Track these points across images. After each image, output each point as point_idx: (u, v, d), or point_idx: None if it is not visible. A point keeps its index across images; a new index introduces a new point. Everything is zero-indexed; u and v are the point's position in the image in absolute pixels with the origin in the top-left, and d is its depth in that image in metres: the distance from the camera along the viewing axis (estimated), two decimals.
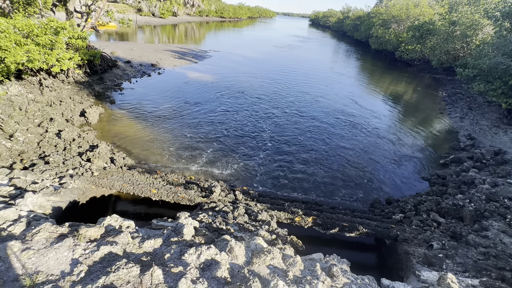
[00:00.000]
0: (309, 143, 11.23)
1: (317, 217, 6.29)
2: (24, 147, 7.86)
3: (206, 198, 6.61)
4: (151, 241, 3.48)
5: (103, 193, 6.76)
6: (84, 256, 2.91)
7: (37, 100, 10.31)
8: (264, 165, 9.31)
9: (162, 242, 3.58)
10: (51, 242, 3.05)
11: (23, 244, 2.93)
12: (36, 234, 3.10)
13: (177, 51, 27.57)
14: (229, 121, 12.41)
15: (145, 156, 9.04)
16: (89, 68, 14.84)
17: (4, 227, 3.22)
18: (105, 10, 15.94)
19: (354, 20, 70.62)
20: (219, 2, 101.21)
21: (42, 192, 5.06)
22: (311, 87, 20.12)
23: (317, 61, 33.78)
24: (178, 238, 3.70)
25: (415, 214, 7.15)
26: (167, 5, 66.75)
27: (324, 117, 14.26)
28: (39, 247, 2.95)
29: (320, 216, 6.43)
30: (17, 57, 9.15)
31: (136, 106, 12.89)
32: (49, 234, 3.17)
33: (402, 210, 7.37)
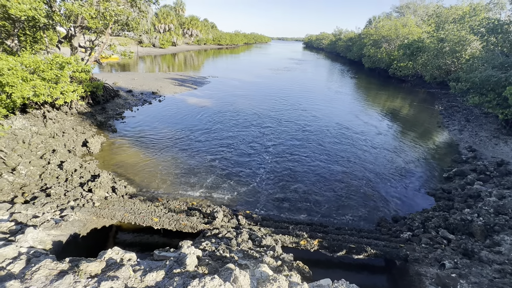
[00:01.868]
0: (311, 163, 11.22)
1: (323, 240, 6.13)
2: (26, 180, 7.88)
3: (208, 224, 6.50)
4: (153, 274, 3.39)
5: (104, 223, 6.66)
6: None
7: (40, 133, 10.49)
8: (266, 187, 9.23)
9: (164, 275, 3.47)
10: (51, 280, 2.97)
11: (22, 284, 2.85)
12: (35, 272, 3.03)
13: (177, 78, 28.48)
14: (229, 144, 12.51)
15: (146, 184, 9.01)
16: (92, 99, 15.28)
17: (4, 266, 3.15)
18: (108, 44, 16.73)
19: (346, 42, 73.58)
20: (216, 31, 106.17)
21: (42, 226, 4.99)
22: (309, 106, 20.51)
23: (313, 80, 34.76)
24: (181, 269, 3.60)
25: (423, 231, 6.96)
26: (167, 36, 70.05)
27: (324, 135, 14.38)
28: (38, 286, 2.87)
29: (326, 238, 6.27)
30: (24, 92, 9.47)
31: (137, 134, 13.07)
32: (49, 271, 3.09)
33: (410, 227, 7.19)
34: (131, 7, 15.54)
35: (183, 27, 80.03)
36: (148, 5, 17.32)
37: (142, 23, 18.05)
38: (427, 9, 50.42)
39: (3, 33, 12.00)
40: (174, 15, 73.98)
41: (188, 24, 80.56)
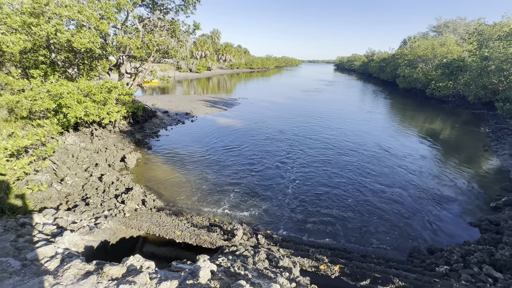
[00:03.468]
0: (338, 184, 10.84)
1: (345, 266, 5.78)
2: (71, 190, 8.80)
3: (227, 241, 6.55)
4: (167, 283, 3.53)
5: (132, 234, 7.09)
6: None
7: (87, 148, 11.77)
8: (289, 208, 9.09)
9: (177, 285, 3.60)
10: (78, 279, 3.27)
11: (54, 279, 3.19)
12: (66, 270, 3.37)
13: (209, 100, 30.18)
14: (255, 164, 12.69)
15: (173, 198, 9.45)
16: (133, 118, 16.86)
17: (42, 263, 3.57)
18: (150, 70, 18.62)
19: (379, 62, 72.09)
20: (248, 56, 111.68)
21: (79, 231, 5.52)
22: (339, 127, 20.12)
23: (344, 101, 34.23)
24: (194, 281, 3.69)
25: (463, 266, 6.19)
26: (203, 61, 75.45)
27: (354, 156, 13.89)
28: (67, 283, 3.19)
29: (349, 265, 5.90)
30: (77, 112, 10.88)
31: (169, 151, 13.95)
32: (78, 271, 3.42)
33: (447, 261, 6.45)
34: (171, 38, 17.32)
35: (218, 53, 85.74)
36: (187, 35, 19.14)
37: (180, 51, 19.85)
38: (468, 27, 47.83)
39: (67, 63, 14.12)
40: (210, 42, 79.96)
41: (222, 50, 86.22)
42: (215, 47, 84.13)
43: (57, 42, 11.88)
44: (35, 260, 3.74)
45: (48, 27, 10.64)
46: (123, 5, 13.31)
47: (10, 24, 10.48)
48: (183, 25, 17.47)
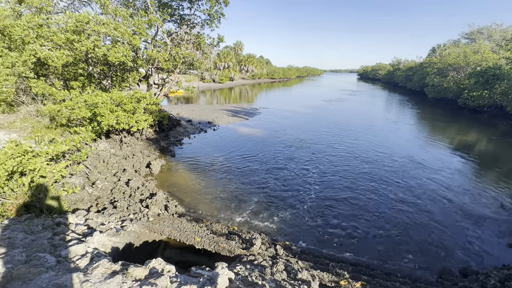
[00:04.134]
0: (362, 197, 10.46)
1: (367, 283, 5.52)
2: (101, 193, 9.36)
3: (246, 250, 6.56)
4: None
5: (154, 238, 7.34)
6: None
7: (116, 154, 12.51)
8: (309, 219, 8.91)
9: None
10: (105, 277, 3.47)
11: (84, 276, 3.42)
12: (95, 268, 3.59)
13: (231, 110, 30.84)
14: (275, 173, 12.67)
15: (194, 205, 9.68)
16: (159, 127, 17.69)
17: (74, 260, 3.84)
18: (176, 81, 19.56)
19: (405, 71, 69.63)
20: (270, 66, 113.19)
21: (106, 232, 5.85)
22: (363, 136, 19.55)
23: (368, 111, 33.30)
24: (211, 287, 3.75)
25: None
26: (226, 72, 77.69)
27: (380, 167, 13.37)
28: (95, 280, 3.39)
29: (372, 282, 5.63)
30: (110, 121, 11.67)
31: (191, 159, 14.38)
32: (105, 270, 3.62)
33: (483, 285, 5.92)
34: (196, 50, 18.15)
35: (241, 64, 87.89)
36: (211, 47, 19.95)
37: (205, 63, 20.68)
38: (505, 33, 44.85)
39: (102, 75, 15.30)
40: (233, 54, 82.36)
41: (245, 61, 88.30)
42: (237, 58, 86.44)
43: (94, 56, 12.97)
44: (68, 257, 4.03)
45: (87, 43, 11.68)
46: (154, 22, 14.27)
47: (56, 41, 11.66)
48: (208, 38, 18.26)
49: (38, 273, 3.37)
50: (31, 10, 12.87)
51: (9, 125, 11.72)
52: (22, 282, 3.24)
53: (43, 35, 11.65)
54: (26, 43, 11.71)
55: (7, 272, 3.34)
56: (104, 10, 13.12)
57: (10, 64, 11.88)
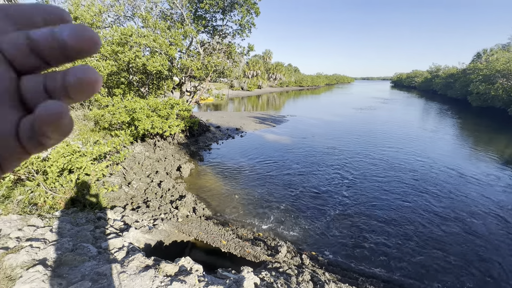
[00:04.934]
0: (396, 209, 9.87)
1: None
2: (135, 193, 9.97)
3: (271, 257, 6.51)
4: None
5: (183, 238, 7.60)
6: (160, 287, 3.37)
7: (150, 157, 13.28)
8: (338, 230, 8.59)
9: None
10: (139, 270, 3.68)
11: (121, 268, 3.66)
12: (131, 261, 3.84)
13: (258, 117, 31.18)
14: (302, 181, 12.48)
15: (221, 209, 9.87)
16: (189, 132, 18.47)
17: (112, 252, 4.14)
18: (207, 89, 20.38)
19: (445, 78, 65.02)
20: (298, 74, 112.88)
21: (140, 229, 6.20)
22: (397, 145, 18.52)
23: (403, 120, 31.53)
24: None
25: None
26: (254, 80, 79.05)
27: (417, 178, 12.54)
28: (130, 272, 3.62)
29: None
30: (146, 125, 12.49)
31: (219, 164, 14.74)
32: (139, 264, 3.85)
33: None
34: (227, 59, 18.81)
35: (269, 72, 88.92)
36: (241, 56, 20.55)
37: (234, 71, 21.31)
38: None
39: (140, 83, 16.49)
40: (262, 62, 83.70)
41: (273, 69, 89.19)
42: (266, 66, 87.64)
43: (135, 66, 14.06)
44: (107, 249, 4.35)
45: (130, 54, 12.74)
46: (189, 33, 15.14)
47: (103, 53, 12.89)
48: (239, 47, 18.84)
49: (82, 261, 3.69)
50: None
51: None
52: (69, 267, 3.57)
53: None
54: None
55: (57, 258, 3.71)
56: (145, 23, 14.26)
57: None
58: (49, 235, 4.42)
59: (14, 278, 3.20)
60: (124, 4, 15.10)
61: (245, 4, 16.09)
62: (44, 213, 5.83)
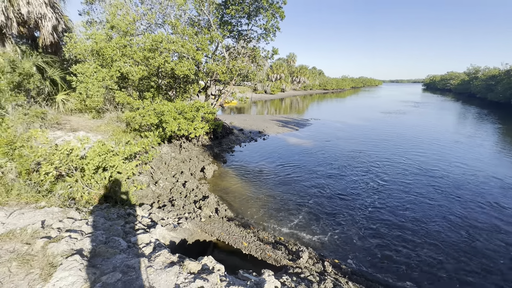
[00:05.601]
0: (429, 217, 9.28)
1: None
2: (162, 192, 10.40)
3: (292, 262, 6.43)
4: None
5: (205, 238, 7.77)
6: (184, 284, 3.48)
7: (176, 158, 13.79)
8: (363, 238, 8.26)
9: None
10: (165, 266, 3.84)
11: (149, 262, 3.85)
12: (157, 257, 4.01)
13: (281, 120, 31.07)
14: (324, 185, 12.21)
15: (242, 211, 9.95)
16: (213, 134, 18.91)
17: (140, 247, 4.36)
18: (231, 92, 20.76)
19: (485, 80, 60.09)
20: (323, 77, 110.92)
21: (166, 227, 6.46)
22: (429, 151, 17.44)
23: (436, 124, 29.66)
24: None
25: None
26: (278, 83, 79.00)
27: (455, 188, 11.70)
28: (157, 267, 3.79)
29: None
30: (173, 127, 13.02)
31: (242, 166, 14.90)
32: (165, 259, 4.01)
33: None
34: (251, 63, 19.03)
35: (293, 75, 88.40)
36: (265, 60, 20.69)
37: (258, 75, 21.48)
38: None
39: (168, 86, 17.25)
40: (285, 65, 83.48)
41: (297, 72, 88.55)
42: (290, 70, 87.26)
43: (164, 71, 14.75)
44: (136, 243, 4.60)
45: (160, 59, 13.40)
46: (215, 38, 15.58)
47: (135, 58, 13.70)
48: (263, 51, 19.00)
49: (113, 253, 3.94)
50: (119, 34, 15.46)
51: (96, 128, 14.07)
52: (102, 259, 3.83)
53: (126, 54, 13.83)
54: (114, 61, 14.04)
55: (92, 249, 4.00)
56: (174, 30, 14.93)
57: (101, 78, 14.37)
58: (85, 227, 4.78)
59: (55, 265, 3.50)
60: (156, 12, 15.94)
61: (270, 9, 16.21)
62: (81, 207, 6.30)
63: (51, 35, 14.90)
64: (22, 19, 13.60)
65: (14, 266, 3.45)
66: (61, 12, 15.95)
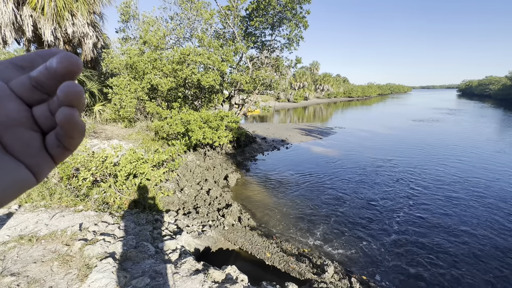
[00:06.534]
0: (464, 233, 8.52)
1: None
2: (187, 199, 10.69)
3: (316, 275, 6.21)
4: None
5: (228, 246, 7.80)
6: None
7: (200, 165, 14.15)
8: (393, 254, 7.77)
9: None
10: (190, 273, 3.92)
11: (175, 269, 3.95)
12: (183, 263, 4.11)
13: (304, 128, 30.72)
14: (352, 196, 11.76)
15: (265, 220, 9.87)
16: (236, 143, 19.18)
17: (167, 253, 4.50)
18: (254, 101, 21.06)
19: None
20: (347, 84, 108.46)
21: (190, 234, 6.61)
22: (471, 160, 16.12)
23: (474, 132, 27.43)
24: None
25: None
26: (301, 92, 78.65)
27: (497, 201, 10.67)
28: (182, 274, 3.87)
29: None
30: (198, 136, 13.45)
31: (265, 175, 14.88)
32: (190, 267, 4.09)
33: None
34: (274, 72, 19.23)
35: (316, 83, 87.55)
36: (288, 69, 20.81)
37: (281, 83, 21.62)
38: None
39: (194, 96, 17.94)
40: (309, 74, 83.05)
41: (321, 80, 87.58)
42: (313, 78, 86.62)
43: (190, 81, 15.41)
44: (163, 249, 4.76)
45: (187, 71, 14.05)
46: (239, 49, 16.03)
47: (164, 71, 14.50)
48: (286, 60, 19.14)
49: (143, 258, 4.11)
50: (150, 48, 16.53)
51: (128, 136, 14.96)
52: (132, 263, 4.01)
53: (156, 67, 14.70)
54: (145, 74, 14.98)
55: (123, 253, 4.21)
56: (201, 43, 15.63)
57: (134, 90, 15.38)
58: (117, 231, 5.06)
59: (91, 266, 3.73)
60: (184, 27, 16.85)
61: (293, 19, 16.40)
62: (114, 211, 6.68)
63: (92, 51, 16.31)
64: (68, 38, 15.09)
65: (56, 265, 3.73)
66: (101, 31, 17.46)
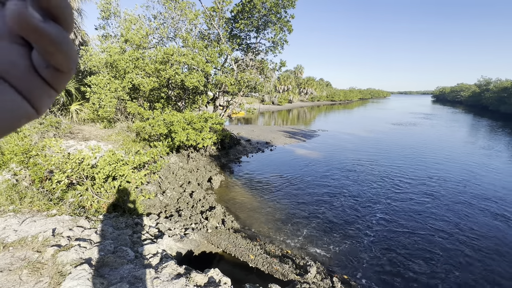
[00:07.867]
0: (440, 231, 8.96)
1: None
2: (169, 201, 10.44)
3: (299, 276, 6.27)
4: None
5: (211, 249, 7.70)
6: None
7: (183, 168, 13.89)
8: (373, 254, 8.02)
9: None
10: (171, 278, 3.81)
11: (155, 273, 3.83)
12: (164, 268, 4.00)
13: (289, 131, 31.08)
14: (333, 198, 12.02)
15: (249, 222, 9.85)
16: (221, 145, 19.03)
17: (148, 257, 4.36)
18: (239, 103, 21.03)
19: (497, 93, 59.04)
20: (330, 88, 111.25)
21: (172, 237, 6.45)
22: (443, 163, 17.01)
23: (448, 136, 29.04)
24: None
25: None
26: (285, 95, 79.61)
27: (471, 200, 11.31)
28: (163, 279, 3.76)
29: None
30: (181, 137, 13.20)
31: (249, 177, 14.86)
32: (172, 271, 3.99)
33: None
34: (259, 75, 19.34)
35: (300, 87, 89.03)
36: (273, 71, 21.00)
37: (266, 86, 21.76)
38: None
39: (178, 97, 17.62)
40: (293, 77, 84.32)
41: (304, 84, 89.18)
42: (297, 81, 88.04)
43: (174, 82, 15.13)
44: (143, 254, 4.60)
45: (170, 71, 13.78)
46: (224, 51, 15.98)
47: (147, 70, 14.13)
48: (271, 63, 19.32)
49: (121, 263, 3.94)
50: (132, 47, 16.06)
51: (107, 137, 14.40)
52: (110, 269, 3.84)
53: (138, 66, 14.30)
54: (126, 73, 14.52)
55: (100, 258, 4.03)
56: (185, 43, 15.41)
57: (114, 89, 14.84)
58: (94, 236, 4.83)
59: (65, 274, 3.53)
60: (168, 27, 16.55)
61: (278, 23, 16.61)
62: (91, 215, 6.38)
63: None
64: None
65: (25, 274, 3.50)
66: (79, 27, 16.73)
